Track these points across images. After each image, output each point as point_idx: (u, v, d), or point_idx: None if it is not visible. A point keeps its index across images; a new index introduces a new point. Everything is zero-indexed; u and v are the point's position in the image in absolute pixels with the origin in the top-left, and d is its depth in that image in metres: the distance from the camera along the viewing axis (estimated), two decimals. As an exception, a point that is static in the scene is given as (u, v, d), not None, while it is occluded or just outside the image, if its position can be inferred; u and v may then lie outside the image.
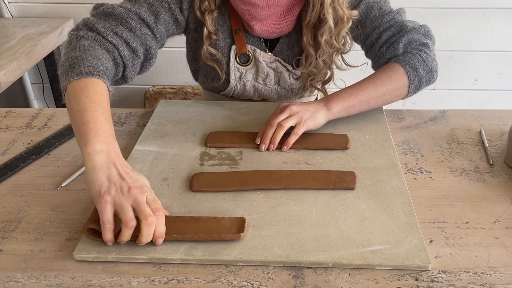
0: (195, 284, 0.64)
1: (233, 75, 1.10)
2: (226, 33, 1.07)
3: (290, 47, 1.09)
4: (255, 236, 0.70)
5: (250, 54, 1.08)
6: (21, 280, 0.65)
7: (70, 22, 1.93)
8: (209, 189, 0.80)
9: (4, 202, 0.80)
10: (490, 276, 0.65)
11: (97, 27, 0.88)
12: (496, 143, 0.95)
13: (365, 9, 1.02)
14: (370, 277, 0.65)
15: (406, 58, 0.98)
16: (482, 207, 0.78)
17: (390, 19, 1.01)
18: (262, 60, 1.08)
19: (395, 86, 0.97)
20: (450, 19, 1.90)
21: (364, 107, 0.98)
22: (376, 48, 1.03)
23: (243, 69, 1.10)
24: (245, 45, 1.07)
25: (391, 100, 0.99)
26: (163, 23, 0.98)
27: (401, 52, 1.00)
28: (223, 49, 1.07)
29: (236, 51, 1.07)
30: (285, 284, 0.64)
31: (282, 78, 1.12)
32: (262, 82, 1.12)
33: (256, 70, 1.10)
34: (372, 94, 0.96)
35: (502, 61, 2.00)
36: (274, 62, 1.09)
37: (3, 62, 1.51)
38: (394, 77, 0.97)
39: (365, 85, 0.97)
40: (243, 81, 1.12)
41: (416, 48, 1.00)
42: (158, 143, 0.94)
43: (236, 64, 1.09)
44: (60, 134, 0.98)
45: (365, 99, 0.96)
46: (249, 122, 1.01)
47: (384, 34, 1.01)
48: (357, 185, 0.81)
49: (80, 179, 0.86)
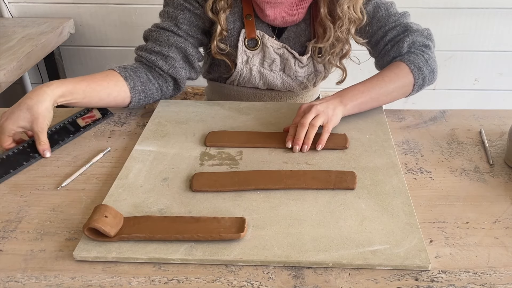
0: (195, 284, 0.64)
1: (240, 58, 1.12)
2: (237, 16, 1.09)
3: (297, 35, 1.12)
4: (255, 236, 0.70)
5: (258, 39, 1.11)
6: (21, 280, 0.65)
7: (70, 22, 1.93)
8: (209, 189, 0.80)
9: (4, 202, 0.80)
10: (490, 276, 0.65)
11: (138, 53, 1.08)
12: (496, 143, 0.95)
13: (373, 9, 1.06)
14: (370, 277, 0.65)
15: (411, 58, 1.02)
16: (482, 207, 0.78)
17: (396, 19, 1.06)
18: (270, 45, 1.11)
19: (402, 83, 1.01)
20: (450, 19, 1.90)
21: (374, 104, 1.01)
22: (380, 46, 1.08)
23: (250, 53, 1.12)
24: (254, 30, 1.10)
25: (397, 97, 1.03)
26: (185, 23, 1.06)
27: (405, 51, 1.04)
28: (233, 31, 1.10)
29: (246, 35, 1.10)
30: (285, 284, 0.64)
31: (287, 65, 1.14)
32: (268, 68, 1.15)
33: (263, 55, 1.13)
34: (382, 91, 1.00)
35: (502, 61, 2.00)
36: (281, 48, 1.12)
37: (3, 62, 1.52)
38: (401, 75, 1.01)
39: (375, 82, 1.00)
40: (249, 65, 1.14)
41: (419, 48, 1.05)
42: (158, 143, 0.94)
43: (244, 47, 1.11)
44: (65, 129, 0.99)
45: (376, 96, 0.99)
46: (249, 122, 1.01)
47: (389, 33, 1.06)
48: (357, 185, 0.81)
49: (80, 179, 0.86)
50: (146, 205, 0.77)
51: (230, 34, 1.10)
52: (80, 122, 1.01)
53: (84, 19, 1.98)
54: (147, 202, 0.78)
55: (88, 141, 0.97)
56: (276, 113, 1.05)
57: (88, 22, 1.99)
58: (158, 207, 0.76)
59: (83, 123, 1.01)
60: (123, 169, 0.86)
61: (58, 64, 1.98)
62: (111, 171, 0.87)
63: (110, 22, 1.96)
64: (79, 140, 0.98)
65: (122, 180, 0.83)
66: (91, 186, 0.84)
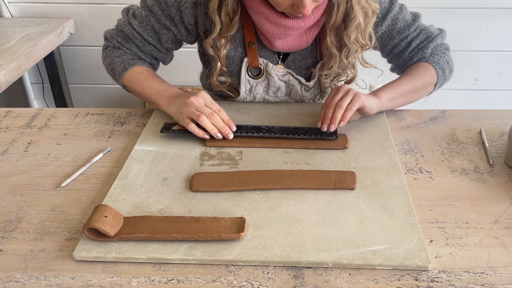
0: (195, 284, 0.64)
1: (244, 87, 1.09)
2: (238, 42, 1.05)
3: (303, 57, 1.08)
4: (255, 236, 0.70)
5: (262, 67, 1.07)
6: (21, 280, 0.65)
7: (70, 22, 1.93)
8: (209, 189, 0.80)
9: (4, 202, 0.80)
10: (490, 276, 0.65)
11: (113, 42, 1.10)
12: (496, 143, 0.95)
13: (391, 22, 1.05)
14: (370, 277, 0.65)
15: (435, 59, 1.06)
16: (482, 207, 0.78)
17: (416, 28, 1.06)
18: (274, 74, 1.07)
19: (427, 82, 1.05)
20: (450, 19, 1.90)
21: (404, 100, 1.04)
22: (405, 55, 1.09)
23: (254, 82, 1.09)
24: (257, 58, 1.06)
25: (421, 96, 1.07)
26: (168, 42, 1.08)
27: (429, 55, 1.07)
28: (234, 58, 1.06)
29: (248, 63, 1.06)
30: (285, 284, 0.64)
31: (293, 91, 1.12)
32: (273, 95, 1.12)
33: (267, 84, 1.09)
34: (410, 88, 1.03)
35: (502, 61, 2.00)
36: (286, 75, 1.08)
37: (3, 62, 1.52)
38: (427, 74, 1.05)
39: (404, 80, 1.04)
40: (253, 94, 1.11)
41: (441, 51, 1.09)
42: (158, 143, 0.94)
43: (247, 76, 1.08)
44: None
45: (405, 92, 1.03)
46: (249, 122, 1.01)
47: (413, 43, 1.07)
48: (357, 185, 0.81)
49: (80, 179, 0.86)
50: (146, 205, 0.77)
51: (231, 61, 1.07)
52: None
53: (84, 19, 1.98)
54: (147, 202, 0.78)
55: (88, 141, 0.97)
56: (276, 113, 1.05)
57: (88, 22, 1.99)
58: (158, 207, 0.76)
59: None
60: (123, 169, 0.86)
61: (58, 64, 1.98)
62: (111, 171, 0.87)
63: (110, 22, 1.95)
64: (79, 140, 0.98)
65: (122, 180, 0.83)
66: (91, 186, 0.84)
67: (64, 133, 1.01)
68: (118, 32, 1.09)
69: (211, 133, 0.92)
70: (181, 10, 1.01)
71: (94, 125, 1.03)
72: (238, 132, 0.94)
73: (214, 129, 0.92)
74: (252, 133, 0.94)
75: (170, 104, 0.99)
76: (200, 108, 0.93)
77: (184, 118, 0.94)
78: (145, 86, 1.04)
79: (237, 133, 0.94)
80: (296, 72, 1.09)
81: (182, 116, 0.94)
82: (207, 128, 0.92)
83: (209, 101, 0.95)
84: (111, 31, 1.11)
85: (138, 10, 1.06)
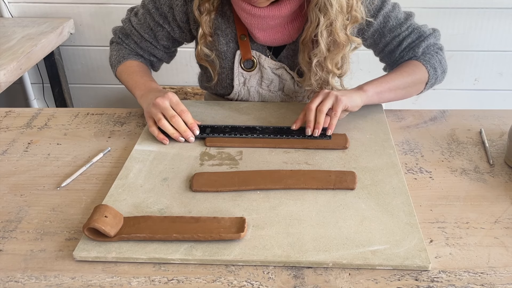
0: (195, 284, 0.64)
1: (237, 80, 1.10)
2: (230, 37, 1.06)
3: (296, 53, 1.07)
4: (255, 236, 0.70)
5: (254, 59, 1.07)
6: (21, 280, 0.65)
7: (70, 22, 1.93)
8: (209, 189, 0.80)
9: (4, 202, 0.80)
10: (490, 276, 0.65)
11: (116, 38, 1.16)
12: (496, 143, 0.95)
13: (383, 20, 1.04)
14: (370, 277, 0.65)
15: (426, 58, 1.05)
16: (482, 207, 0.78)
17: (408, 26, 1.05)
18: (267, 66, 1.08)
19: (417, 79, 1.04)
20: (450, 19, 1.90)
21: (391, 95, 1.03)
22: (396, 53, 1.08)
23: (247, 75, 1.09)
24: (249, 51, 1.06)
25: (411, 93, 1.06)
26: (164, 39, 1.10)
27: (420, 54, 1.06)
28: (227, 54, 1.07)
29: (241, 56, 1.07)
30: (285, 284, 0.64)
31: (286, 85, 1.12)
32: (266, 88, 1.12)
33: (260, 76, 1.10)
34: (399, 84, 1.02)
35: (502, 61, 2.00)
36: (279, 68, 1.09)
37: (3, 62, 1.52)
38: (418, 71, 1.04)
39: (393, 75, 1.03)
40: (247, 87, 1.11)
41: (433, 50, 1.07)
42: (158, 143, 0.94)
43: (240, 69, 1.08)
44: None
45: (393, 87, 1.02)
46: (249, 122, 1.01)
47: (404, 41, 1.06)
48: (357, 185, 0.81)
49: (80, 179, 0.86)
50: (146, 205, 0.77)
51: (224, 56, 1.07)
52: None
53: (84, 19, 1.98)
54: (147, 202, 0.78)
55: (88, 141, 0.97)
56: (276, 113, 1.05)
57: (88, 22, 1.99)
58: (158, 207, 0.76)
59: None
60: (123, 169, 0.86)
61: (58, 64, 1.98)
62: (111, 171, 0.87)
63: (110, 22, 1.96)
64: (79, 140, 0.98)
65: (122, 180, 0.83)
66: (91, 186, 0.84)
67: (64, 133, 1.01)
68: (121, 28, 1.15)
69: (172, 136, 0.93)
70: (172, 8, 1.04)
71: (94, 125, 1.03)
72: (228, 134, 0.94)
73: (175, 133, 0.93)
74: (246, 134, 0.94)
75: (143, 99, 1.00)
76: (164, 109, 0.93)
77: (148, 118, 0.96)
78: (130, 79, 1.07)
79: (230, 134, 0.94)
80: (290, 68, 1.09)
81: (147, 117, 0.96)
82: (167, 132, 0.93)
83: (175, 102, 0.94)
84: (117, 27, 1.17)
85: (138, 8, 1.11)
